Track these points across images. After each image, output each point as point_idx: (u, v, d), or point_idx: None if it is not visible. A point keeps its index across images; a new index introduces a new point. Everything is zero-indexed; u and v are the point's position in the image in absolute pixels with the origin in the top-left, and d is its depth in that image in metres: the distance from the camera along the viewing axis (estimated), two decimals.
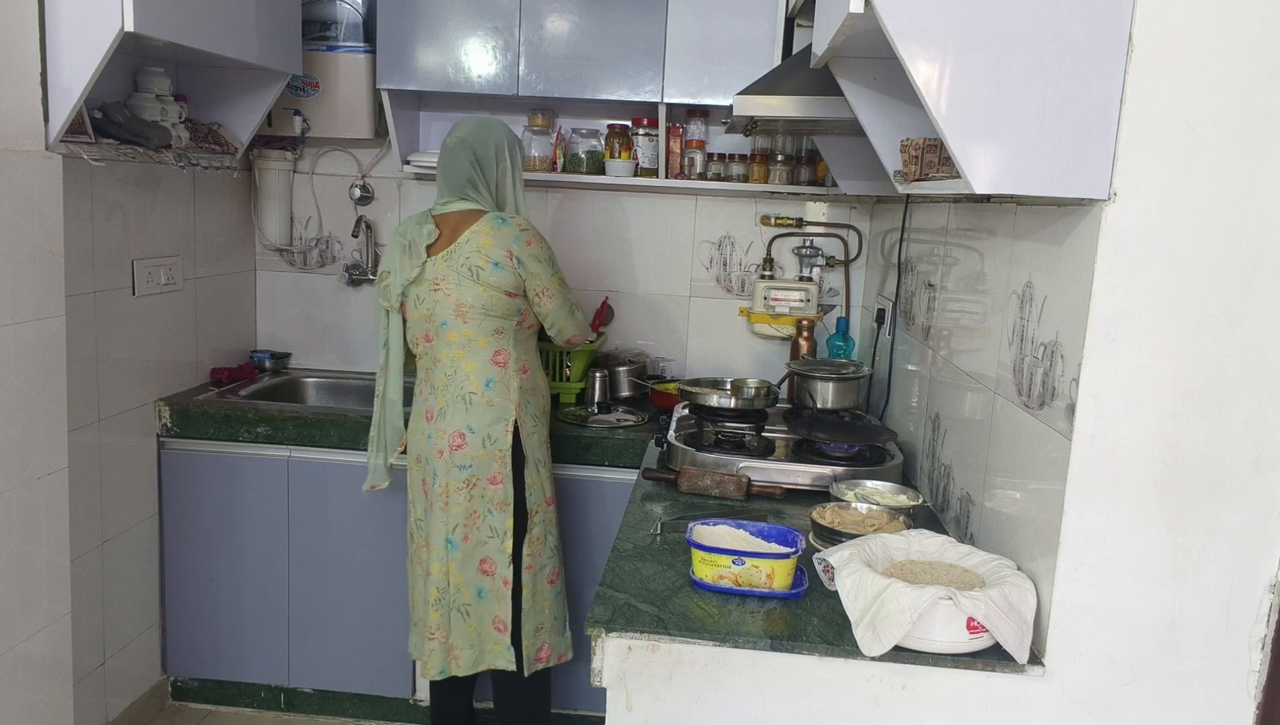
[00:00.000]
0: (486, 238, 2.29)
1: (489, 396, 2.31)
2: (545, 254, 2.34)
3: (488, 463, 2.30)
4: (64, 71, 2.01)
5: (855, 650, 1.39)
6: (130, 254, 2.64)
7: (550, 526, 2.41)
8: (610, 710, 1.46)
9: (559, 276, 2.38)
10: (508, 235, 2.29)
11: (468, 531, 2.31)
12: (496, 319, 2.30)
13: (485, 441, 2.29)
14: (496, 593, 2.32)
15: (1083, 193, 1.29)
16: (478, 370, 2.31)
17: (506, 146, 2.41)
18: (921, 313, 2.29)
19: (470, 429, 2.29)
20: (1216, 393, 1.30)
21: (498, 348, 2.32)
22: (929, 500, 2.08)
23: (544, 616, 2.39)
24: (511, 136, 2.45)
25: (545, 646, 2.40)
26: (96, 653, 2.61)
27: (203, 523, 2.84)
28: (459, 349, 2.32)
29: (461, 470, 2.30)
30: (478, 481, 2.30)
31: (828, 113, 2.17)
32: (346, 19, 3.00)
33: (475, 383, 2.31)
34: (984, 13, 1.27)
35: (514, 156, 2.43)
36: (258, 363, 3.25)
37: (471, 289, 2.28)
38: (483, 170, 2.38)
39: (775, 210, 3.19)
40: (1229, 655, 1.37)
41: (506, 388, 2.32)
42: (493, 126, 2.43)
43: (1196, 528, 1.33)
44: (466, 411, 2.30)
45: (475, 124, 2.43)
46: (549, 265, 2.34)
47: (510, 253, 2.28)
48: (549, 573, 2.39)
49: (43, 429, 2.03)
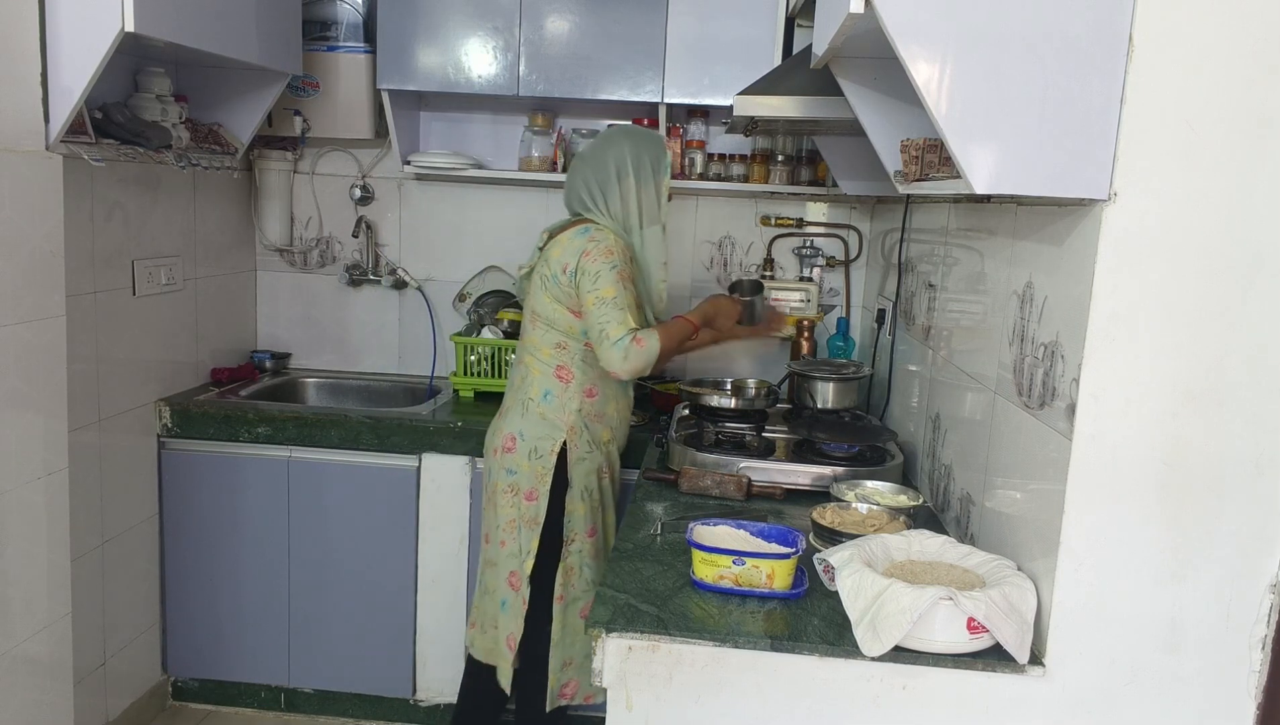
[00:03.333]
0: (560, 247, 2.22)
1: (544, 408, 2.25)
2: (594, 267, 2.14)
3: (529, 476, 2.23)
4: (64, 71, 2.01)
5: (855, 650, 1.39)
6: (130, 254, 2.64)
7: (590, 559, 2.28)
8: (610, 710, 1.46)
9: (598, 294, 2.13)
10: (576, 247, 2.18)
11: (505, 537, 2.26)
12: (559, 334, 2.24)
13: (531, 454, 2.23)
14: (515, 609, 2.26)
15: (1083, 193, 1.29)
16: (540, 379, 2.27)
17: (630, 162, 2.25)
18: (922, 313, 2.29)
19: (521, 435, 2.24)
20: (1216, 393, 1.30)
21: (560, 363, 2.25)
22: (929, 500, 2.08)
23: (573, 651, 2.28)
24: (640, 148, 2.27)
25: (572, 683, 2.29)
26: (97, 653, 2.61)
27: (203, 523, 2.84)
28: (529, 354, 2.30)
29: (508, 474, 2.25)
30: (519, 490, 2.24)
31: (828, 113, 2.17)
32: (347, 19, 3.00)
33: (535, 390, 2.26)
34: (984, 13, 1.27)
35: (641, 173, 2.25)
36: (258, 363, 3.25)
37: (541, 298, 2.25)
38: (602, 190, 2.26)
39: (775, 210, 3.19)
40: (1229, 655, 1.36)
41: (564, 406, 2.24)
42: (616, 140, 2.29)
43: (1196, 528, 1.33)
44: (522, 416, 2.26)
45: (599, 139, 2.32)
46: (593, 279, 2.14)
47: (567, 266, 2.18)
48: (581, 606, 2.26)
49: (43, 429, 2.03)
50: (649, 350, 2.15)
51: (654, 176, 2.28)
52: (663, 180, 2.30)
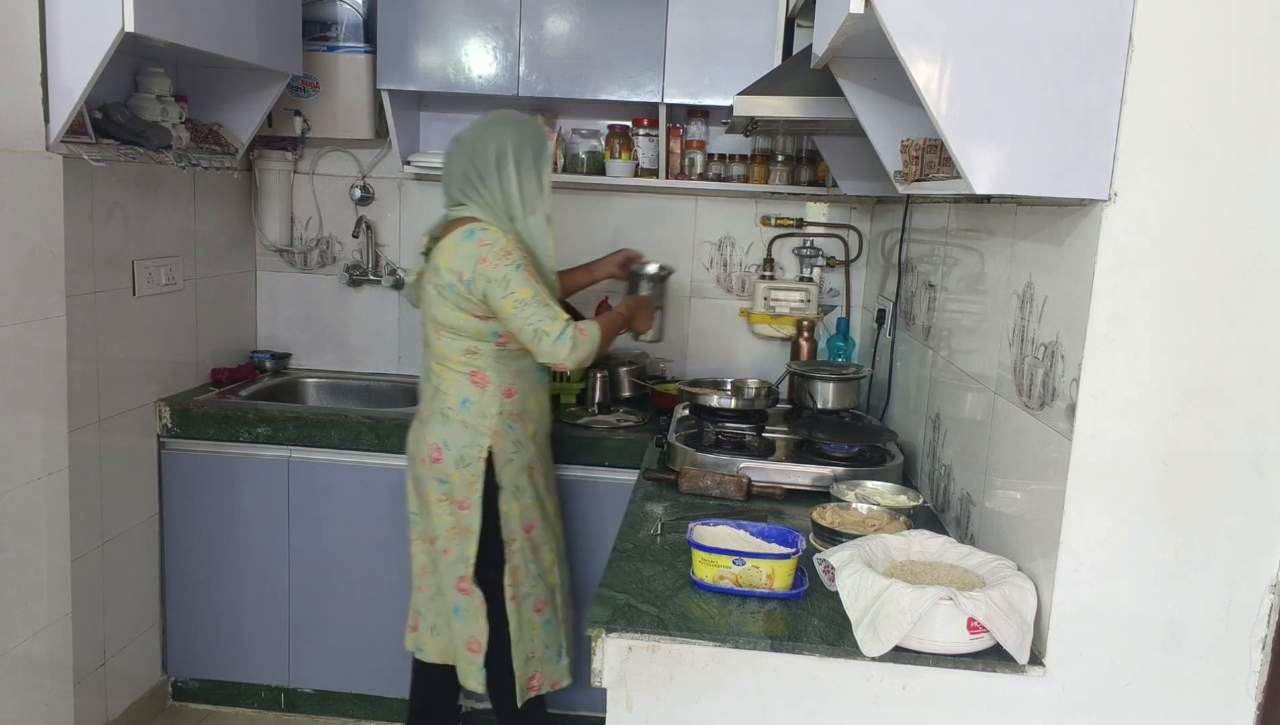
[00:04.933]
0: (448, 254, 2.15)
1: (464, 416, 2.22)
2: (500, 272, 2.10)
3: (460, 485, 2.23)
4: (64, 72, 2.01)
5: (855, 651, 1.39)
6: (130, 254, 2.64)
7: (532, 554, 2.30)
8: (610, 710, 1.46)
9: (514, 297, 2.11)
10: (467, 253, 2.12)
11: (447, 544, 2.26)
12: (467, 339, 2.20)
13: (459, 463, 2.22)
14: (472, 613, 2.27)
15: (1083, 193, 1.29)
16: (455, 387, 2.23)
17: (512, 150, 2.20)
18: (922, 313, 2.29)
19: (446, 445, 2.23)
20: (1216, 393, 1.30)
21: (474, 368, 2.22)
22: (929, 501, 2.08)
23: (534, 645, 2.31)
24: (523, 137, 2.23)
25: (538, 675, 2.33)
26: (97, 653, 2.61)
27: (203, 523, 2.84)
28: (439, 363, 2.25)
29: (440, 484, 2.24)
30: (452, 499, 2.24)
31: (828, 113, 2.17)
32: (347, 19, 3.00)
33: (453, 400, 2.23)
34: (984, 13, 1.26)
35: (522, 161, 2.21)
36: (258, 363, 3.25)
37: (440, 307, 2.19)
38: (482, 177, 2.21)
39: (775, 210, 3.19)
40: (1229, 656, 1.36)
41: (484, 411, 2.22)
42: (498, 127, 2.24)
43: (1196, 528, 1.33)
44: (444, 426, 2.23)
45: (480, 124, 2.26)
46: (501, 285, 2.10)
47: (461, 274, 2.12)
48: (534, 601, 2.31)
49: (43, 429, 2.03)
50: (592, 338, 2.20)
51: (535, 165, 2.23)
52: (544, 170, 2.25)
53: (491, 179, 2.21)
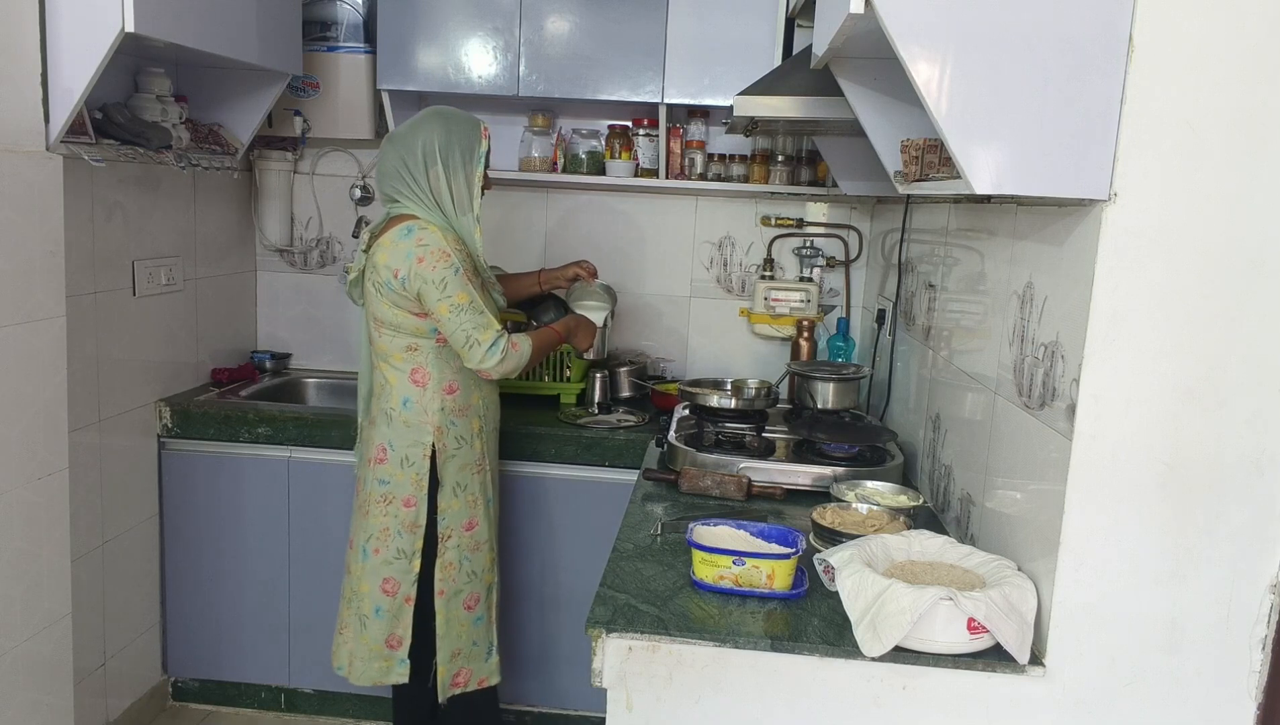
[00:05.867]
0: (385, 251, 2.13)
1: (406, 416, 2.21)
2: (437, 275, 2.09)
3: (404, 484, 2.23)
4: (64, 72, 2.01)
5: (856, 651, 1.39)
6: (130, 254, 2.64)
7: (470, 551, 2.30)
8: (610, 710, 1.46)
9: (450, 301, 2.11)
10: (404, 251, 2.11)
11: (379, 545, 2.26)
12: (408, 336, 2.19)
13: (403, 462, 2.22)
14: (395, 612, 2.27)
15: (1083, 193, 1.29)
16: (397, 387, 2.22)
17: (439, 149, 2.16)
18: (922, 313, 2.29)
19: (391, 446, 2.23)
20: (1216, 393, 1.30)
21: (415, 366, 2.21)
22: (929, 501, 2.08)
23: (461, 642, 2.32)
24: (452, 135, 2.19)
25: (463, 671, 2.33)
26: (97, 653, 2.61)
27: (203, 523, 2.84)
28: (381, 361, 2.25)
29: (381, 484, 2.24)
30: (393, 499, 2.24)
31: (828, 113, 2.17)
32: (347, 19, 3.00)
33: (395, 400, 2.22)
34: (984, 13, 1.27)
35: (450, 160, 2.17)
36: (258, 363, 3.25)
37: (379, 305, 2.17)
38: (412, 174, 2.17)
39: (775, 211, 3.19)
40: (1229, 655, 1.36)
41: (425, 409, 2.21)
42: (428, 125, 2.19)
43: (1196, 528, 1.33)
44: (388, 427, 2.23)
45: (413, 121, 2.22)
46: (438, 287, 2.09)
47: (396, 271, 2.10)
48: (465, 598, 2.31)
49: (43, 429, 2.03)
50: (522, 353, 2.22)
51: (464, 166, 2.19)
52: (474, 170, 2.21)
53: (421, 177, 2.19)
